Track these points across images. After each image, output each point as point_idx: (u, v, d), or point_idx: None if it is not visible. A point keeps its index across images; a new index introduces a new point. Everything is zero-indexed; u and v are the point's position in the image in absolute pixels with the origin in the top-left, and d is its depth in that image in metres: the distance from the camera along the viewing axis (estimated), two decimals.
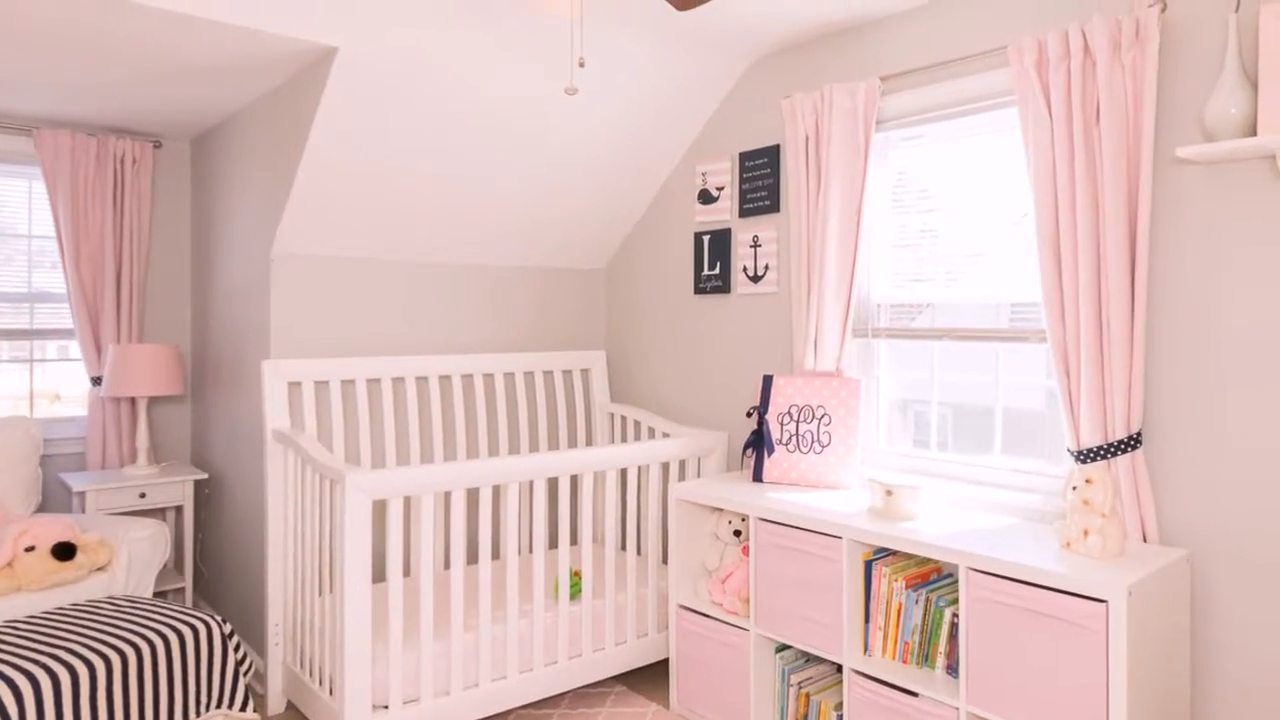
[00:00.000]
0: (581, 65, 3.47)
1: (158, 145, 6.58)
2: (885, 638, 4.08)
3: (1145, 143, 3.71)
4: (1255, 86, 3.43)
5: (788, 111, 5.13)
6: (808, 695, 4.45)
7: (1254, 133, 3.39)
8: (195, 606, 6.25)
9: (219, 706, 4.41)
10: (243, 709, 4.49)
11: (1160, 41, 3.74)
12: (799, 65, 5.29)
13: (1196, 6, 3.68)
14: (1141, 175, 3.72)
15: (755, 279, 5.53)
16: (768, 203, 5.44)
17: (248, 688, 4.60)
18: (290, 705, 5.07)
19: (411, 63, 4.59)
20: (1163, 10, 3.67)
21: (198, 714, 4.31)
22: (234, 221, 5.85)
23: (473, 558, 6.04)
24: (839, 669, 4.61)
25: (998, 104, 4.47)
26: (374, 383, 5.64)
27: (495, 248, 6.03)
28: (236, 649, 4.52)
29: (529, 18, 4.54)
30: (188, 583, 6.16)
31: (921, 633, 3.98)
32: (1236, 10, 3.49)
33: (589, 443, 6.57)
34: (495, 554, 6.13)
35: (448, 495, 5.77)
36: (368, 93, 4.66)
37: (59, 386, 6.46)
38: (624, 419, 6.40)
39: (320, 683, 4.59)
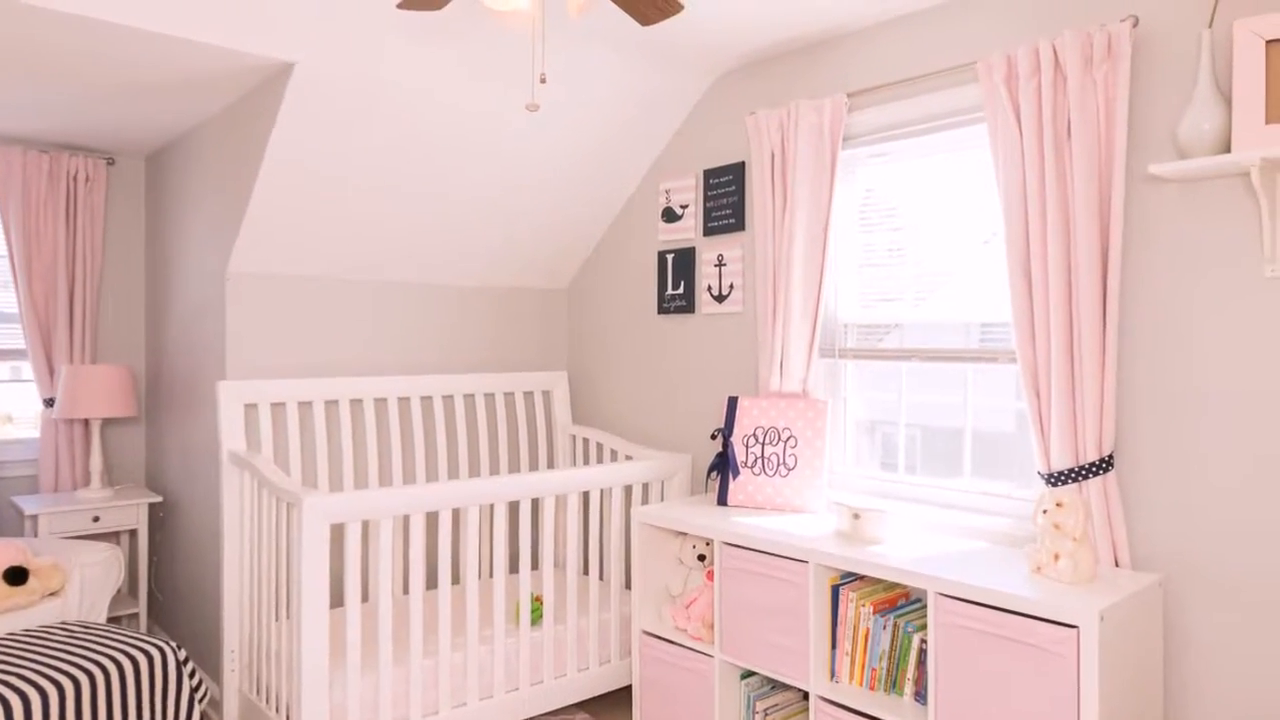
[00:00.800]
0: (543, 81, 3.39)
1: (111, 162, 6.48)
2: (852, 664, 3.98)
3: (1117, 159, 3.66)
4: (1229, 102, 3.39)
5: (753, 128, 5.07)
6: None
7: (1228, 149, 3.35)
8: (150, 632, 6.19)
9: None
10: None
11: (1132, 56, 3.71)
12: (765, 81, 5.23)
13: (1169, 21, 3.64)
14: (1113, 193, 3.66)
15: (720, 298, 5.46)
16: (732, 221, 5.38)
17: (203, 715, 4.51)
18: None
19: (370, 79, 4.53)
20: (1135, 25, 3.64)
21: None
22: (189, 239, 5.76)
23: (432, 582, 5.95)
24: (805, 696, 4.55)
25: (967, 120, 4.41)
26: (332, 404, 5.55)
27: (455, 267, 5.96)
28: (191, 675, 4.40)
29: (490, 33, 4.48)
30: (142, 608, 6.07)
31: (889, 659, 3.89)
32: (1210, 25, 3.45)
33: (550, 465, 6.50)
34: (455, 578, 6.06)
35: (407, 519, 5.66)
36: (326, 109, 4.59)
37: (11, 408, 6.35)
38: (586, 441, 6.33)
39: (277, 710, 4.50)
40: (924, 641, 3.81)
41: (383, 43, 4.36)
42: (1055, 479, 3.79)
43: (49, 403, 6.11)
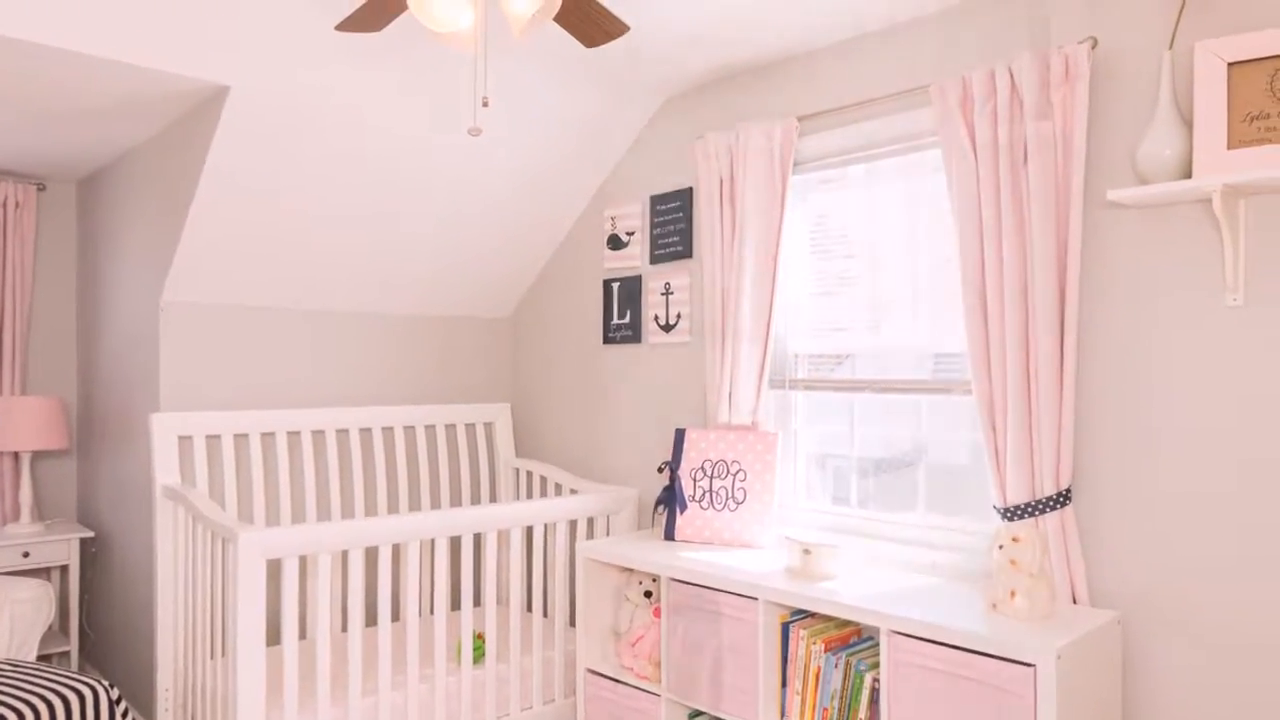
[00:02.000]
0: (486, 105, 3.34)
1: (41, 188, 6.35)
2: (803, 703, 3.84)
3: (1075, 185, 3.58)
4: (1189, 126, 3.32)
5: (701, 153, 4.96)
6: None
7: (1189, 174, 3.28)
8: (81, 670, 6.05)
9: None
10: None
11: (1091, 79, 3.65)
12: (713, 104, 5.15)
13: (1129, 43, 3.58)
14: (1071, 219, 3.58)
15: (667, 328, 5.35)
16: (680, 248, 5.29)
17: None
18: None
19: (308, 103, 4.45)
20: (1094, 47, 3.57)
21: None
22: (122, 267, 5.64)
23: (371, 619, 5.79)
24: None
25: (921, 145, 4.33)
26: (269, 436, 5.42)
27: (395, 295, 5.85)
28: (125, 715, 4.25)
29: (431, 56, 4.43)
30: (74, 646, 5.92)
31: (841, 698, 3.75)
32: (1170, 47, 3.39)
33: (493, 499, 6.35)
34: (395, 615, 5.90)
35: (345, 554, 5.51)
36: (262, 133, 4.50)
37: None
38: (530, 474, 6.23)
39: None
40: (876, 680, 3.67)
41: (320, 66, 4.29)
42: (1011, 513, 3.69)
43: None
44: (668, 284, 5.36)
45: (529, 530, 5.12)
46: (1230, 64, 3.18)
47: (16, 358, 6.11)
